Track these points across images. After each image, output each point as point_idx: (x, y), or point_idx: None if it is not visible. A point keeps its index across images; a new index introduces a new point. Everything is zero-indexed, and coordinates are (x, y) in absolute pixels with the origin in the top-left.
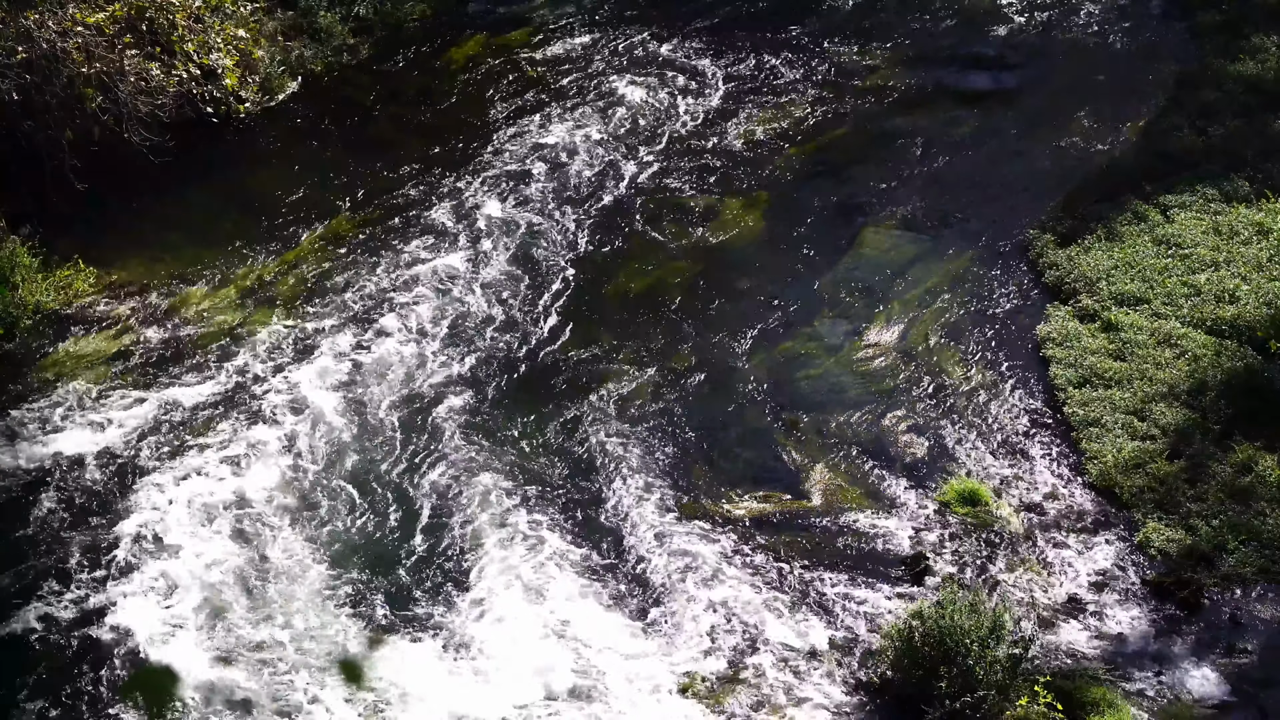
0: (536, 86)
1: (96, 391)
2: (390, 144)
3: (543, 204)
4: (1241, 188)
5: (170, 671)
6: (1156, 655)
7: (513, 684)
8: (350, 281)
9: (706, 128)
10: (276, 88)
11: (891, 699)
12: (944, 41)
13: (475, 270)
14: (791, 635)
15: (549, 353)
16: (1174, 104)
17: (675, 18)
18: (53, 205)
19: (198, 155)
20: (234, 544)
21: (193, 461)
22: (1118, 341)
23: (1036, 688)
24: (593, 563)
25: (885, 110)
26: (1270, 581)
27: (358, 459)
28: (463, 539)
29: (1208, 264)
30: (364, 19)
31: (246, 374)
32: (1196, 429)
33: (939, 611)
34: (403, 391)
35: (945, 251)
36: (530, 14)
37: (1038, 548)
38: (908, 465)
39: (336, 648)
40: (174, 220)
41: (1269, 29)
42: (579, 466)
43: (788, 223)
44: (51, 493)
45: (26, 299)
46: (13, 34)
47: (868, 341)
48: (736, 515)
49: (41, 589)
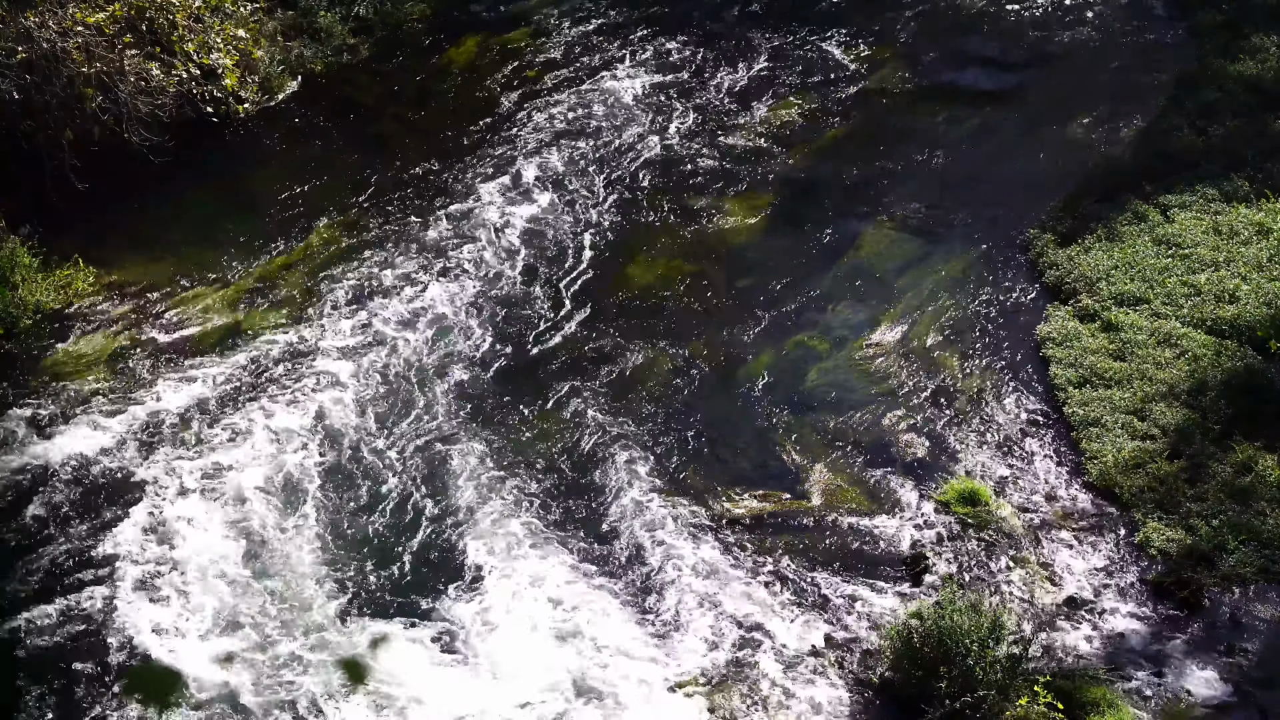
0: (536, 86)
1: (96, 391)
2: (390, 144)
3: (543, 204)
4: (1241, 188)
5: (171, 671)
6: (1156, 655)
7: (513, 683)
8: (350, 281)
9: (707, 128)
10: (276, 88)
11: (891, 699)
12: (945, 42)
13: (476, 270)
14: (791, 635)
15: (549, 352)
16: (1174, 104)
17: (675, 18)
18: (53, 205)
19: (198, 155)
20: (234, 543)
21: (192, 461)
22: (1118, 341)
23: (1036, 687)
24: (593, 562)
25: (886, 110)
26: (1270, 581)
27: (359, 458)
28: (464, 538)
29: (1208, 264)
30: (364, 19)
31: (246, 374)
32: (1196, 429)
33: (938, 611)
34: (403, 391)
35: (946, 251)
36: (530, 14)
37: (1038, 548)
38: (908, 465)
39: (338, 647)
40: (174, 220)
41: (1269, 29)
42: (580, 465)
43: (789, 222)
44: (52, 492)
45: (26, 299)
46: (13, 34)
47: (868, 341)
48: (737, 514)
49: (41, 589)
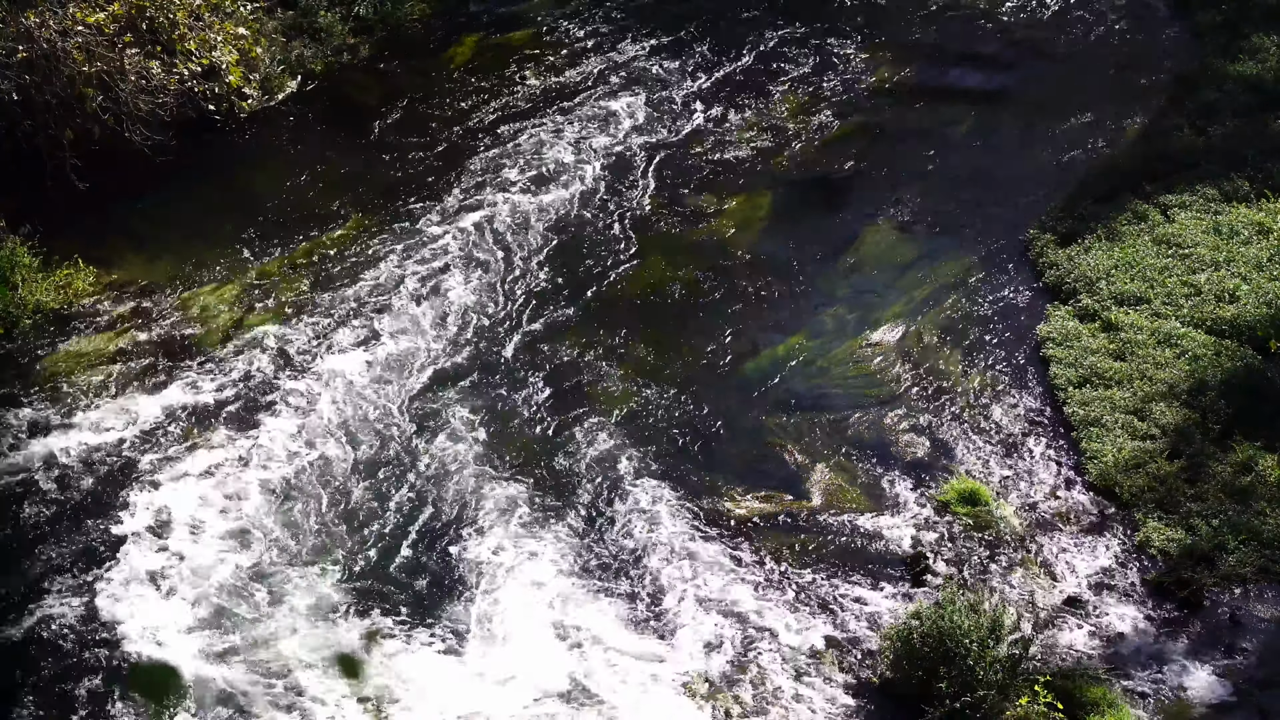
0: (536, 86)
1: (96, 391)
2: (390, 144)
3: (542, 203)
4: (1241, 188)
5: (170, 670)
6: (1156, 655)
7: (513, 683)
8: (350, 281)
9: (707, 127)
10: (276, 87)
11: (891, 699)
12: (945, 41)
13: (475, 270)
14: (791, 635)
15: (549, 352)
16: (1174, 104)
17: (675, 17)
18: (53, 205)
19: (198, 155)
20: (234, 543)
21: (192, 461)
22: (1118, 341)
23: (1036, 687)
24: (593, 562)
25: (886, 110)
26: (1270, 581)
27: (357, 458)
28: (463, 538)
29: (1208, 264)
30: (364, 19)
31: (246, 374)
32: (1196, 429)
33: (938, 611)
34: (402, 391)
35: (945, 251)
36: (530, 14)
37: (1038, 548)
38: (908, 465)
39: (337, 646)
40: (174, 220)
41: (1269, 29)
42: (579, 466)
43: (789, 222)
44: (51, 492)
45: (26, 299)
46: (13, 34)
47: (868, 341)
48: (737, 515)
49: (41, 588)
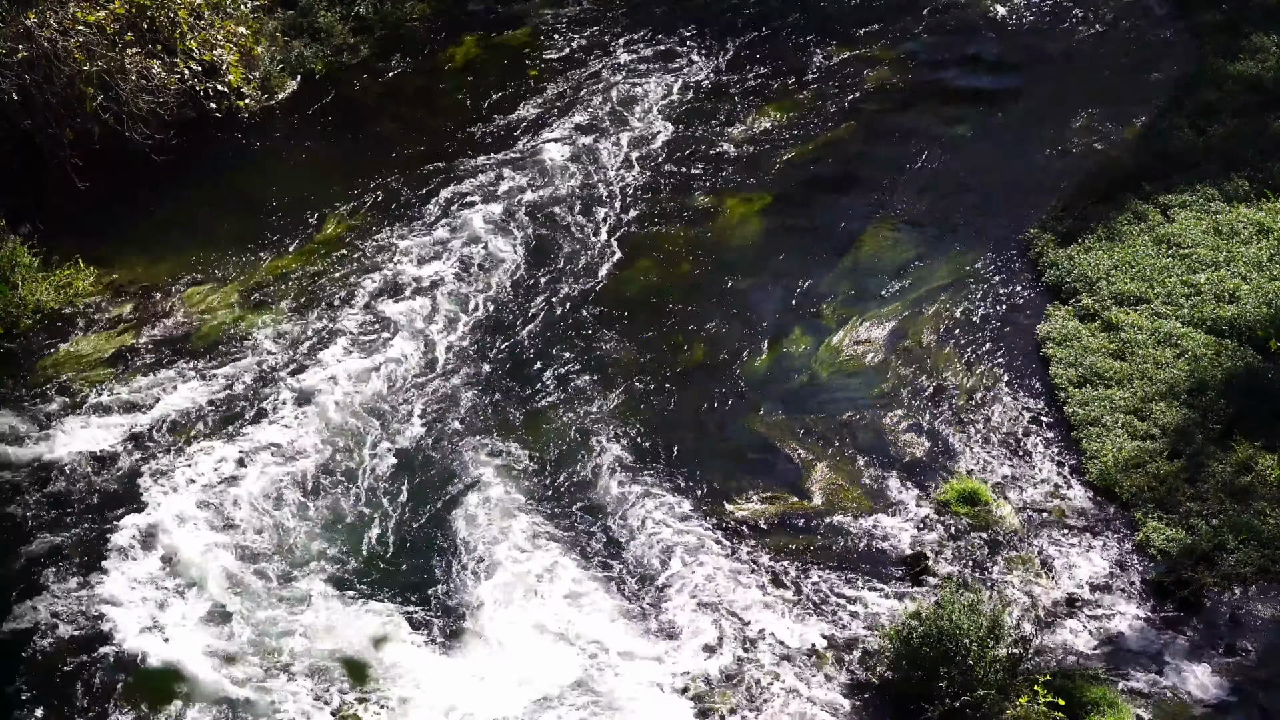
0: (536, 86)
1: (96, 391)
2: (390, 144)
3: (543, 203)
4: (1241, 188)
5: (171, 670)
6: (1156, 655)
7: (514, 683)
8: (350, 281)
9: (707, 127)
10: (276, 87)
11: (891, 699)
12: (945, 41)
13: (475, 269)
14: (791, 635)
15: (549, 352)
16: (1174, 104)
17: (674, 17)
18: (53, 204)
19: (198, 154)
20: (235, 543)
21: (193, 460)
22: (1118, 341)
23: (1036, 687)
24: (593, 562)
25: (886, 110)
26: (1270, 581)
27: (358, 458)
28: (465, 538)
29: (1208, 264)
30: (364, 19)
31: (246, 373)
32: (1196, 429)
33: (938, 611)
34: (403, 390)
35: (945, 251)
36: (530, 13)
37: (1038, 547)
38: (908, 465)
39: (339, 647)
40: (174, 220)
41: (1269, 29)
42: (579, 465)
43: (788, 222)
44: (52, 492)
45: (26, 299)
46: (13, 33)
47: (869, 341)
48: (737, 515)
49: (42, 588)
